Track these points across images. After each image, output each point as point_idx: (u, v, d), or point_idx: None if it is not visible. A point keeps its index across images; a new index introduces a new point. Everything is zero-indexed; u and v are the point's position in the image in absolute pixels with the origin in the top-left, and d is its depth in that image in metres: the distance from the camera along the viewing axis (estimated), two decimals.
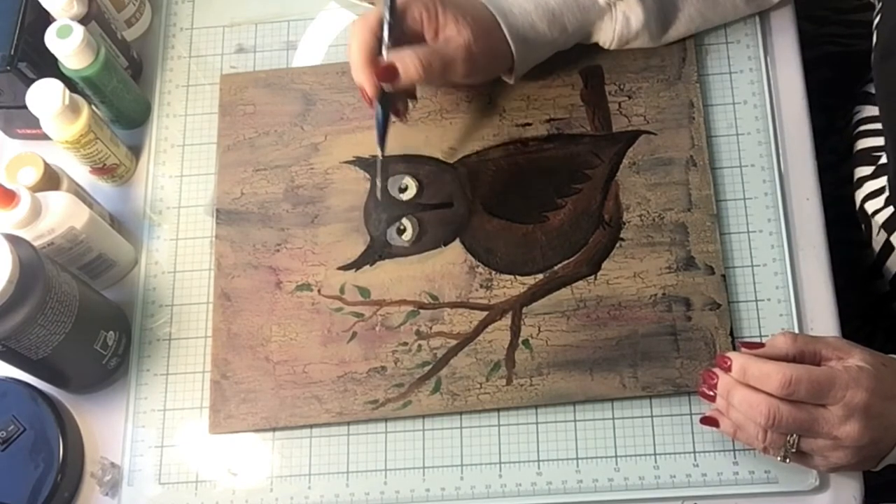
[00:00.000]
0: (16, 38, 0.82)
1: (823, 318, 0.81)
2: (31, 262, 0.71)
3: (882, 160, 0.85)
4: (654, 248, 0.82)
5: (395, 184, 0.86)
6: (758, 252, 0.82)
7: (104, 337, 0.79)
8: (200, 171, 0.89)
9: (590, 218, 0.84)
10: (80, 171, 0.86)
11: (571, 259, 0.83)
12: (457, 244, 0.84)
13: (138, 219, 0.88)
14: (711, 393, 0.73)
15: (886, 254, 0.86)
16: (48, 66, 0.82)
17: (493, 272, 0.83)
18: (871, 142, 0.88)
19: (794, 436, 0.71)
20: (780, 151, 0.86)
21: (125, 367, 0.83)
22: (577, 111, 0.87)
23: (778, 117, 0.87)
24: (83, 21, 0.83)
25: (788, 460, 0.72)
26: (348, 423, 0.80)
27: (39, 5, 0.83)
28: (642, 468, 0.77)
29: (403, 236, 0.84)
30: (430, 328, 0.81)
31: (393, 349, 0.81)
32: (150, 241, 0.87)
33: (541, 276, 0.82)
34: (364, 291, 0.83)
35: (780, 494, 0.76)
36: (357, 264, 0.84)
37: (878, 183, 0.85)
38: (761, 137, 0.86)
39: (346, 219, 0.85)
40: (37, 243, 0.75)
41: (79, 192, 0.83)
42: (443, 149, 0.87)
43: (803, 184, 0.85)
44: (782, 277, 0.81)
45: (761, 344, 0.73)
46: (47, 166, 0.81)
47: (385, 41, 0.77)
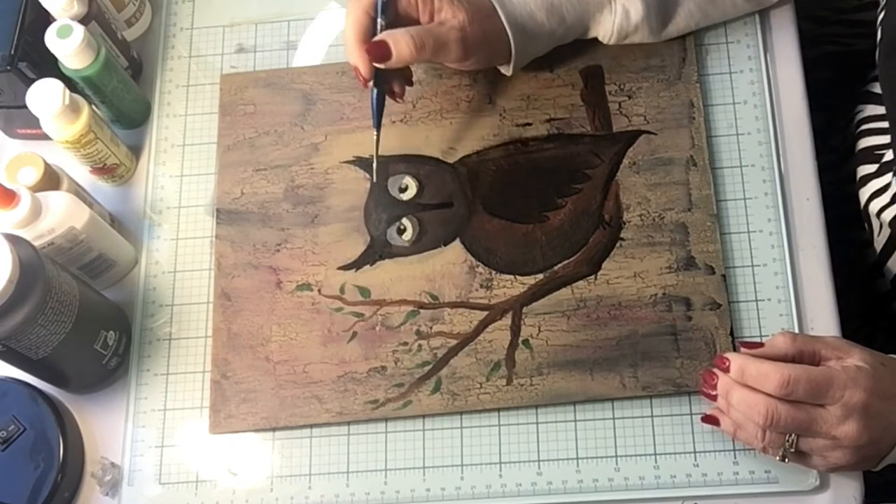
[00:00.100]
0: (16, 38, 0.82)
1: (823, 319, 0.81)
2: (31, 262, 0.71)
3: (886, 157, 0.85)
4: (654, 247, 0.82)
5: (395, 184, 0.86)
6: (758, 252, 0.82)
7: (104, 337, 0.79)
8: (200, 170, 0.89)
9: (590, 218, 0.84)
10: (80, 171, 0.86)
11: (572, 259, 0.83)
12: (457, 244, 0.84)
13: (138, 219, 0.88)
14: (713, 392, 0.73)
15: (889, 252, 0.86)
16: (48, 65, 0.82)
17: (494, 272, 0.83)
18: (874, 140, 0.88)
19: (793, 435, 0.71)
20: (781, 151, 0.86)
21: (125, 366, 0.83)
22: (577, 111, 0.87)
23: (778, 117, 0.87)
24: (83, 21, 0.83)
25: (787, 460, 0.72)
26: (348, 423, 0.80)
27: (39, 5, 0.83)
28: (642, 468, 0.77)
29: (403, 236, 0.84)
30: (431, 328, 0.81)
31: (393, 349, 0.81)
32: (150, 241, 0.87)
33: (541, 276, 0.82)
34: (364, 291, 0.83)
35: (780, 494, 0.76)
36: (357, 264, 0.84)
37: (882, 181, 0.85)
38: (761, 137, 0.86)
39: (346, 219, 0.85)
40: (37, 243, 0.75)
41: (79, 192, 0.83)
42: (443, 149, 0.87)
43: (803, 184, 0.85)
44: (782, 277, 0.81)
45: (760, 344, 0.73)
46: (47, 166, 0.81)
47: (379, 21, 0.77)
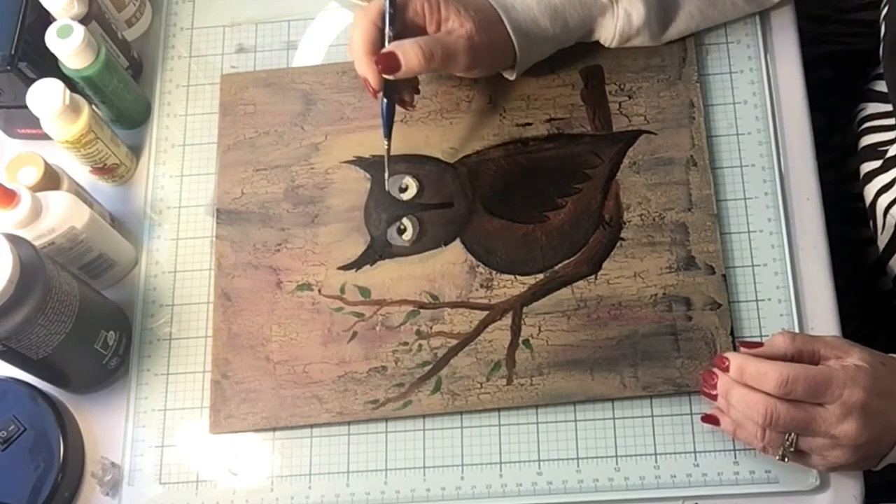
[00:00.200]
0: (16, 37, 0.82)
1: (824, 318, 0.81)
2: (31, 261, 0.71)
3: (889, 153, 0.85)
4: (654, 247, 0.82)
5: (395, 183, 0.86)
6: (758, 252, 0.82)
7: (104, 337, 0.79)
8: (201, 170, 0.89)
9: (590, 218, 0.84)
10: (80, 171, 0.86)
11: (572, 259, 0.83)
12: (457, 244, 0.84)
13: (138, 219, 0.88)
14: (713, 392, 0.73)
15: (893, 249, 0.86)
16: (48, 65, 0.82)
17: (494, 272, 0.83)
18: (877, 137, 0.88)
19: (792, 435, 0.71)
20: (781, 151, 0.86)
21: (125, 366, 0.83)
22: (577, 111, 0.87)
23: (778, 117, 0.87)
24: (83, 21, 0.83)
25: (787, 459, 0.72)
26: (349, 423, 0.80)
27: (40, 5, 0.83)
28: (643, 468, 0.77)
29: (404, 236, 0.84)
30: (431, 328, 0.81)
31: (393, 349, 0.81)
32: (150, 241, 0.87)
33: (541, 276, 0.82)
34: (364, 291, 0.83)
35: (780, 494, 0.76)
36: (357, 264, 0.84)
37: (888, 176, 0.85)
38: (761, 137, 0.86)
39: (346, 218, 0.85)
40: (37, 243, 0.75)
41: (79, 192, 0.83)
42: (443, 149, 0.87)
43: (803, 183, 0.85)
44: (783, 277, 0.81)
45: (760, 343, 0.73)
46: (48, 166, 0.81)
47: (387, 33, 0.77)
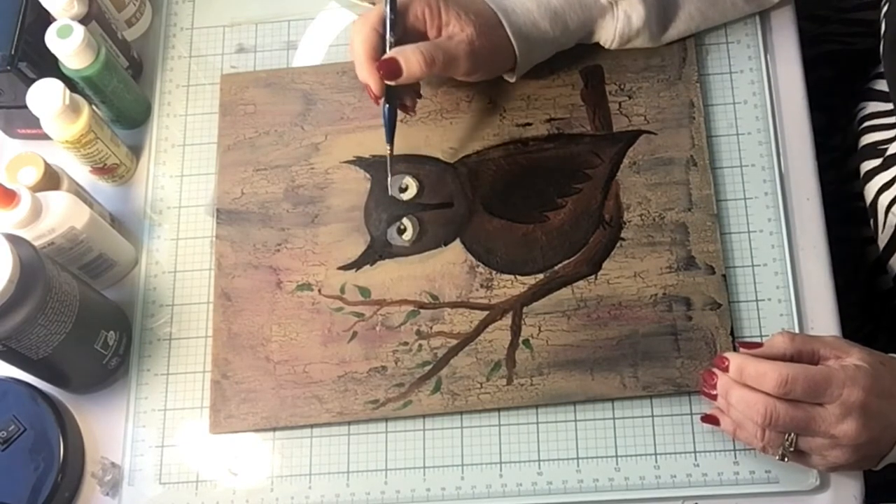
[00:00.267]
0: (16, 38, 0.82)
1: (824, 318, 0.81)
2: (31, 261, 0.71)
3: (889, 151, 0.85)
4: (654, 247, 0.82)
5: (395, 183, 0.86)
6: (758, 252, 0.82)
7: (104, 337, 0.79)
8: (201, 170, 0.89)
9: (590, 218, 0.84)
10: (80, 171, 0.86)
11: (572, 259, 0.83)
12: (457, 244, 0.84)
13: (138, 219, 0.88)
14: (713, 392, 0.73)
15: (894, 248, 0.86)
16: (48, 65, 0.82)
17: (494, 272, 0.83)
18: (878, 136, 0.88)
19: (792, 435, 0.71)
20: (781, 151, 0.86)
21: (125, 366, 0.83)
22: (577, 111, 0.87)
23: (778, 117, 0.87)
24: (83, 21, 0.83)
25: (787, 459, 0.72)
26: (349, 423, 0.80)
27: (40, 5, 0.83)
28: (643, 468, 0.77)
29: (404, 236, 0.84)
30: (431, 328, 0.81)
31: (393, 349, 0.81)
32: (150, 241, 0.87)
33: (541, 276, 0.82)
34: (364, 291, 0.83)
35: (780, 494, 0.76)
36: (357, 264, 0.84)
37: (889, 174, 0.85)
38: (761, 137, 0.86)
39: (346, 219, 0.85)
40: (37, 243, 0.75)
41: (79, 192, 0.83)
42: (443, 149, 0.87)
43: (803, 183, 0.85)
44: (783, 277, 0.81)
45: (759, 344, 0.73)
46: (48, 166, 0.81)
47: (388, 38, 0.77)
